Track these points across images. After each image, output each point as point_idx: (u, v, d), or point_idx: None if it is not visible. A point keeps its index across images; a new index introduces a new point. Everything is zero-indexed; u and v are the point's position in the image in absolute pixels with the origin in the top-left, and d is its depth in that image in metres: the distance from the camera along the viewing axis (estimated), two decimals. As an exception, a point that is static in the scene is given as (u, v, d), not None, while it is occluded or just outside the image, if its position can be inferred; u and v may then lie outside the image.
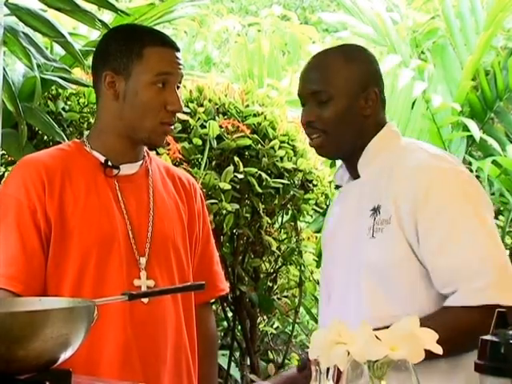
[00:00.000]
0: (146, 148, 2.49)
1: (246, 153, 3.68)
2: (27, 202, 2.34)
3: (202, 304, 2.54)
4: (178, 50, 2.45)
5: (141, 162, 2.47)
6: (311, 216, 4.09)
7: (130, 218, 2.39)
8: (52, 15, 3.30)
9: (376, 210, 2.28)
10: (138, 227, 2.40)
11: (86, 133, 3.03)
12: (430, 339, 1.60)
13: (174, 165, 3.22)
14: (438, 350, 1.61)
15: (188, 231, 2.50)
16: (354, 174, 2.41)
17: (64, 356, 1.68)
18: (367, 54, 2.47)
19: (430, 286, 2.24)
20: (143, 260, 2.37)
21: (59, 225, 2.34)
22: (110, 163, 2.41)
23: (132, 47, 2.39)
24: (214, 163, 3.63)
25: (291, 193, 3.78)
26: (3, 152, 3.09)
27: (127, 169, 2.45)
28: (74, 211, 2.35)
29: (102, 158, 2.42)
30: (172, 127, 2.46)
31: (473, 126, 4.87)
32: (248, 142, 3.64)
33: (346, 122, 2.35)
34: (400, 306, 2.22)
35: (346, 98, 2.35)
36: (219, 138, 3.62)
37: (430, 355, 1.84)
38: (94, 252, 2.34)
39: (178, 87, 2.43)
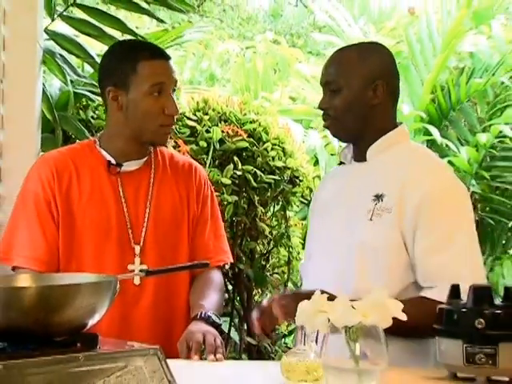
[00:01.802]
0: None
1: (244, 153, 3.67)
2: (43, 195, 2.31)
3: (203, 272, 2.42)
4: (168, 58, 2.36)
5: (146, 158, 2.40)
6: (298, 206, 4.08)
7: (128, 210, 2.33)
8: (83, 40, 3.29)
9: (379, 198, 2.18)
10: (135, 219, 2.33)
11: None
12: (396, 308, 1.60)
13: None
14: (403, 317, 1.61)
15: (187, 214, 2.41)
16: (360, 157, 2.30)
17: (92, 322, 1.67)
18: (382, 51, 2.35)
19: (410, 274, 2.14)
20: (137, 248, 2.31)
21: (66, 214, 2.31)
22: (114, 162, 2.35)
23: (127, 64, 2.31)
24: (217, 162, 3.62)
25: (281, 187, 3.77)
26: (42, 153, 3.08)
27: (131, 165, 2.37)
28: (79, 204, 2.31)
29: (108, 158, 2.36)
30: (172, 127, 2.37)
31: (434, 131, 4.87)
32: (245, 144, 3.63)
33: (353, 110, 2.24)
34: (382, 284, 2.09)
35: (353, 90, 2.23)
36: (221, 141, 3.61)
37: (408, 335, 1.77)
38: (92, 241, 2.30)
39: (174, 90, 2.34)
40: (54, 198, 2.31)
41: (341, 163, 2.38)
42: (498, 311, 1.79)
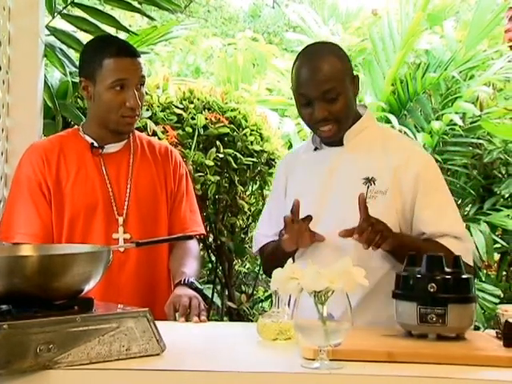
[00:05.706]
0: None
1: (225, 138, 3.65)
2: (35, 177, 2.30)
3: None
4: (136, 56, 2.30)
5: (125, 141, 2.39)
6: (273, 185, 4.06)
7: (111, 186, 2.33)
8: (81, 35, 3.26)
9: (370, 181, 2.14)
10: (118, 194, 2.33)
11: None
12: (359, 275, 1.60)
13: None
14: (366, 283, 1.61)
15: (165, 189, 2.40)
16: (334, 142, 2.22)
17: (87, 287, 1.67)
18: (340, 47, 2.25)
19: None
20: (121, 219, 2.31)
21: (56, 193, 2.30)
22: (96, 145, 2.34)
23: (95, 58, 2.28)
24: (201, 146, 3.60)
25: (259, 168, 3.76)
26: (44, 137, 3.05)
27: (112, 148, 2.37)
28: (67, 183, 2.31)
29: (91, 141, 2.36)
30: (135, 117, 2.32)
31: (393, 119, 4.87)
32: (226, 130, 3.61)
33: (350, 107, 2.17)
34: (380, 259, 2.13)
35: (347, 89, 2.14)
36: (205, 127, 3.58)
37: None
38: (81, 214, 2.29)
39: (142, 85, 2.29)
40: (44, 179, 2.31)
41: (315, 149, 2.28)
42: (448, 277, 1.81)
